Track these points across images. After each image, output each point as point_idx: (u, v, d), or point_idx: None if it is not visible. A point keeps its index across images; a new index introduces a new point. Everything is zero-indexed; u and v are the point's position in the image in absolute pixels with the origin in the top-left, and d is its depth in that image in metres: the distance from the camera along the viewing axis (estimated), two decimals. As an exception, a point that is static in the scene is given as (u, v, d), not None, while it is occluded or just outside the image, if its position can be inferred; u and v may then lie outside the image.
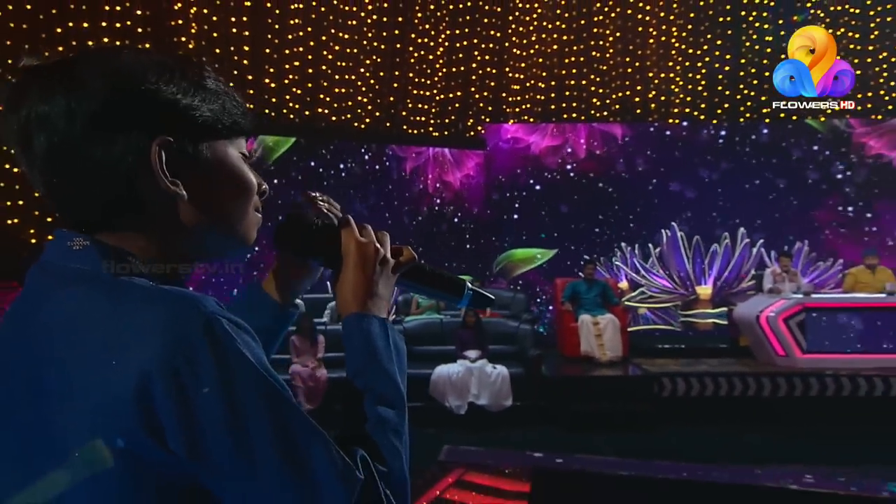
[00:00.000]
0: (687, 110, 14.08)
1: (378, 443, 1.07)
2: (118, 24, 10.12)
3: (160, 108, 1.02)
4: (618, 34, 14.11)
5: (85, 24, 9.81)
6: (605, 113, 14.04)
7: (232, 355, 0.91)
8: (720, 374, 9.05)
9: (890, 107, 13.61)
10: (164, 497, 0.93)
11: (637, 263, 13.30)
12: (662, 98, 14.13)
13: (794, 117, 13.53)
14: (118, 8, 10.15)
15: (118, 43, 10.18)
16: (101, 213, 1.03)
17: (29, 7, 9.45)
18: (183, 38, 10.88)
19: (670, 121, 13.86)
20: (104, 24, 9.98)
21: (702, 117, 13.95)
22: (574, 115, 14.02)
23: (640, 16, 14.11)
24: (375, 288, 1.18)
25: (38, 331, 0.97)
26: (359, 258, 1.18)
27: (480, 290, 1.33)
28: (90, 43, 9.87)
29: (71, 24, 9.67)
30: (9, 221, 9.13)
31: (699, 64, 14.01)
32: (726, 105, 13.97)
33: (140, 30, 10.37)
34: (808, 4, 13.87)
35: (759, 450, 7.53)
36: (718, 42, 13.99)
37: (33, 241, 9.14)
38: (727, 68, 13.92)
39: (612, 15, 14.10)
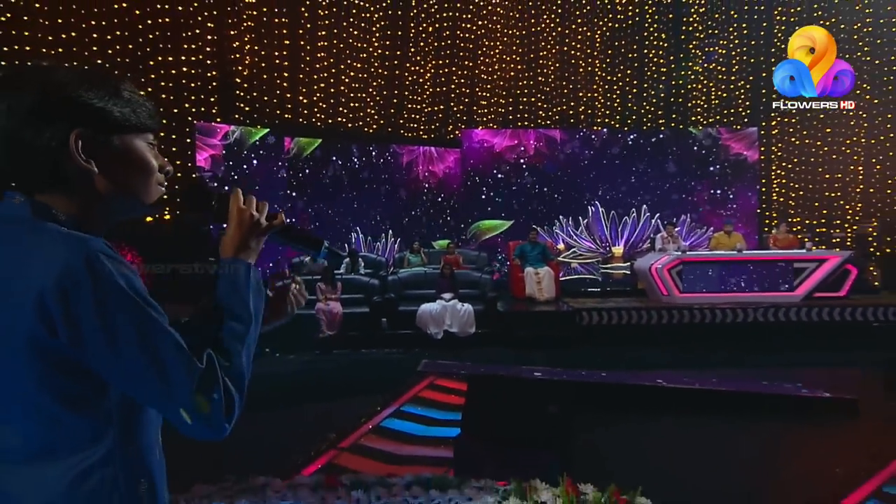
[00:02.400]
0: (606, 120, 14.16)
1: (224, 346, 1.06)
2: (193, 58, 10.15)
3: (79, 109, 1.02)
4: (557, 65, 14.13)
5: (170, 58, 9.92)
6: (548, 122, 14.09)
7: (104, 279, 0.94)
8: (623, 308, 9.17)
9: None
10: (62, 371, 0.95)
11: (570, 230, 13.40)
12: (588, 111, 14.21)
13: (682, 126, 13.84)
14: (194, 46, 10.15)
15: (190, 71, 10.35)
16: (36, 181, 1.03)
17: (130, 46, 9.51)
18: (239, 68, 10.85)
19: (594, 128, 13.93)
20: (183, 58, 10.05)
21: (616, 125, 14.05)
22: (525, 122, 14.07)
23: (572, 52, 14.14)
24: (248, 242, 1.16)
25: None
26: (238, 220, 1.16)
27: (335, 249, 1.33)
28: (173, 72, 9.97)
29: (160, 59, 9.78)
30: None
31: (615, 87, 14.13)
32: (633, 117, 14.10)
33: (209, 62, 10.38)
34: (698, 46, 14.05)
35: (650, 361, 7.68)
36: (629, 71, 14.09)
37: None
38: (634, 90, 14.06)
39: (553, 51, 14.11)
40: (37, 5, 8.37)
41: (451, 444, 3.97)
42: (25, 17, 8.24)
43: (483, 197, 13.44)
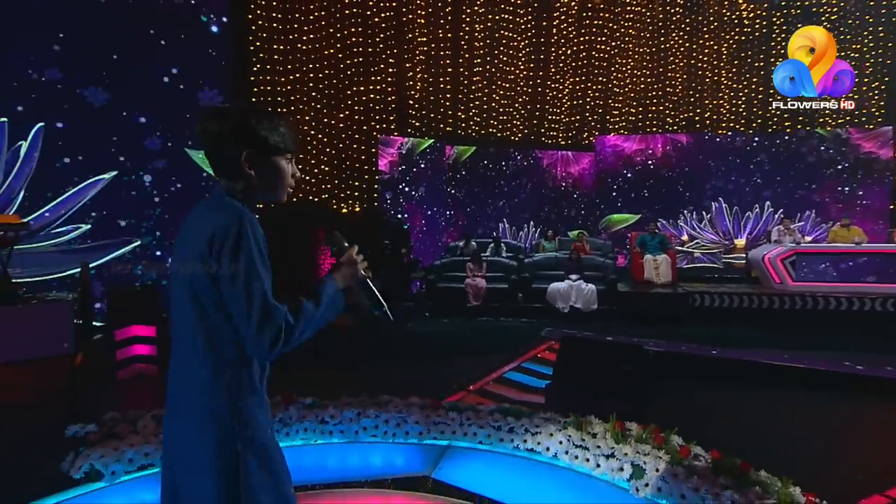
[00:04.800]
0: (731, 124, 13.09)
1: (301, 312, 1.22)
2: (378, 87, 10.88)
3: (253, 137, 1.29)
4: (684, 76, 13.28)
5: (361, 88, 10.70)
6: (675, 127, 13.31)
7: (242, 235, 1.19)
8: (734, 293, 8.55)
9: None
10: (214, 287, 1.20)
11: (694, 224, 12.63)
12: (714, 117, 13.20)
13: (808, 127, 12.34)
14: (378, 77, 10.88)
15: (375, 97, 11.15)
16: (227, 174, 1.31)
17: (335, 81, 10.34)
18: (412, 92, 11.40)
19: (719, 131, 12.93)
20: (371, 86, 10.84)
21: (741, 129, 12.93)
22: (654, 128, 13.38)
23: (699, 64, 13.22)
24: (346, 275, 1.37)
25: (198, 215, 1.29)
26: (348, 261, 1.38)
27: (388, 311, 1.41)
28: (363, 98, 10.74)
29: (355, 88, 10.58)
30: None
31: (740, 94, 12.99)
32: (759, 120, 12.87)
33: (389, 89, 11.05)
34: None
35: (755, 340, 7.14)
36: (755, 79, 12.86)
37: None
38: (760, 96, 12.80)
39: (681, 64, 13.28)
40: (275, 56, 9.60)
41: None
42: (268, 66, 9.50)
43: (614, 194, 13.05)
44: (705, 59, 13.20)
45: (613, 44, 13.36)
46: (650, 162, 12.89)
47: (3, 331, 4.76)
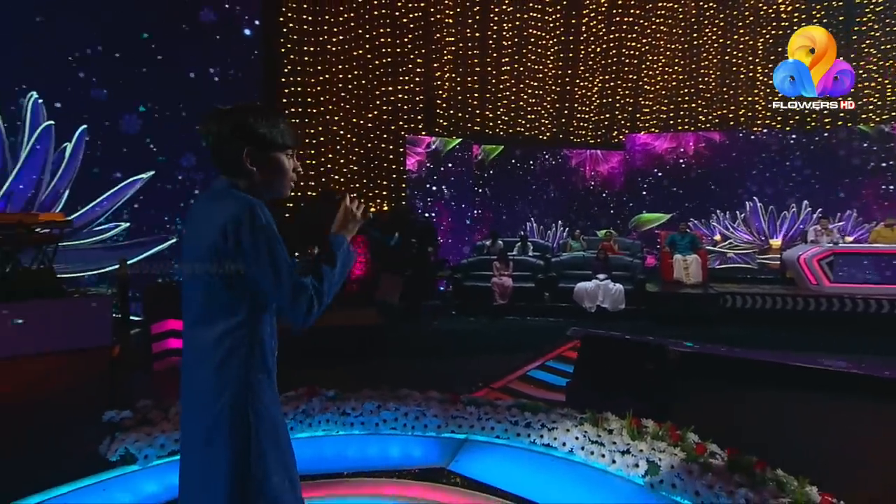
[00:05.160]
0: (767, 122, 12.73)
1: (321, 275, 1.31)
2: (406, 87, 11.01)
3: (252, 134, 1.34)
4: (718, 73, 12.98)
5: (390, 88, 10.83)
6: (708, 125, 13.04)
7: (256, 220, 1.25)
8: (767, 293, 8.35)
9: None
10: (226, 268, 1.25)
11: (727, 223, 12.36)
12: (749, 114, 12.86)
13: (850, 124, 11.93)
14: (406, 77, 10.93)
15: (403, 97, 11.26)
16: (230, 172, 1.36)
17: (363, 82, 10.61)
18: (440, 92, 11.46)
19: (755, 129, 12.63)
20: (399, 87, 10.93)
21: (777, 126, 12.62)
22: (686, 126, 13.10)
23: (733, 60, 12.89)
24: (346, 225, 1.46)
25: (203, 208, 1.34)
26: (343, 212, 1.46)
27: (395, 239, 1.58)
28: (392, 98, 10.86)
29: (383, 88, 10.71)
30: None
31: (776, 90, 12.66)
32: (797, 117, 12.48)
33: (417, 88, 11.14)
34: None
35: (788, 342, 6.87)
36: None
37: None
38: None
39: (714, 61, 12.98)
40: (306, 58, 9.83)
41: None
42: (299, 68, 9.73)
43: (644, 192, 12.87)
44: (740, 55, 12.88)
45: (644, 41, 13.15)
46: (682, 161, 12.68)
47: (49, 322, 5.03)
